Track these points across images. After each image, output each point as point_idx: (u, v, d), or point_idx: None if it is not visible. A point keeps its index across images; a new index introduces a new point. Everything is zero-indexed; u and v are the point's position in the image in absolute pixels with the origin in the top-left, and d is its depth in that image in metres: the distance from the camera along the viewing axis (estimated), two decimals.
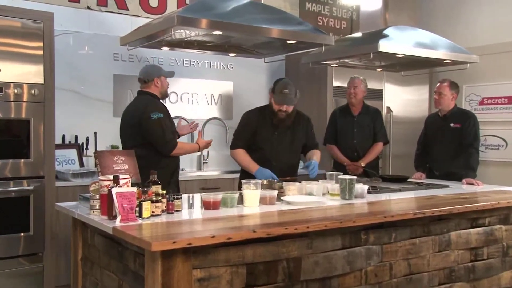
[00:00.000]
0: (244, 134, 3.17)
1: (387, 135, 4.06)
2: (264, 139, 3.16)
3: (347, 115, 4.03)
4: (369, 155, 3.92)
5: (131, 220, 1.95)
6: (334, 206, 2.48)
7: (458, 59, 3.60)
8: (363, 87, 3.99)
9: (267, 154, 3.16)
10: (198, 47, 3.28)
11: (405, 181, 3.41)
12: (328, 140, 4.13)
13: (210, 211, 2.25)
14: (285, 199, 2.51)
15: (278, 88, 3.11)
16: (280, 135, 3.20)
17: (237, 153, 3.17)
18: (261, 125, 3.17)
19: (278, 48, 3.36)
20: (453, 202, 2.62)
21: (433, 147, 3.80)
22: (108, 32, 4.00)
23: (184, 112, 4.36)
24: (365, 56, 3.46)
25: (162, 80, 3.21)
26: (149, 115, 2.96)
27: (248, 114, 3.24)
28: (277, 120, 3.14)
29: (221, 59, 4.53)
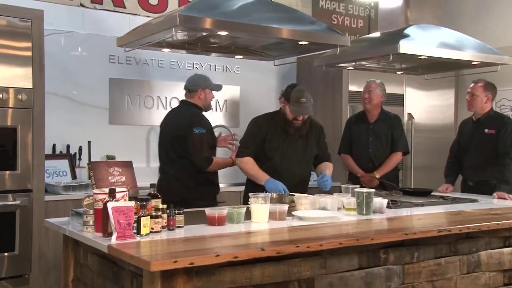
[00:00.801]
0: (252, 141, 3.17)
1: (407, 144, 4.05)
2: (274, 148, 3.17)
3: (362, 122, 4.03)
4: (385, 166, 3.91)
5: (128, 238, 1.96)
6: (350, 222, 2.48)
7: (488, 60, 3.61)
8: (379, 91, 3.98)
9: (277, 165, 3.16)
10: (202, 49, 3.32)
11: (428, 195, 3.40)
12: (343, 149, 4.13)
13: (214, 228, 2.26)
14: (296, 214, 2.51)
15: (294, 96, 3.10)
16: (291, 145, 3.21)
17: (245, 161, 3.16)
18: (271, 133, 3.17)
19: (289, 50, 3.40)
20: (482, 219, 2.61)
21: (465, 155, 3.79)
22: (103, 32, 4.05)
23: None
24: (384, 58, 3.48)
25: (207, 92, 3.39)
26: (192, 129, 3.19)
27: (257, 120, 3.24)
28: (293, 129, 3.15)
29: (227, 62, 4.56)
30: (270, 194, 2.61)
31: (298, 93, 3.11)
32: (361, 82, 4.58)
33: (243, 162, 3.16)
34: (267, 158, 3.16)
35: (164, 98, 4.34)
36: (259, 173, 3.09)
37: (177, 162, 3.27)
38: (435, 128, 5.04)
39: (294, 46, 3.21)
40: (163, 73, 4.33)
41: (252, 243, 2.04)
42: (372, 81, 4.01)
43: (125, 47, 3.16)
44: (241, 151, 3.17)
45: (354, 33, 5.21)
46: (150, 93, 4.29)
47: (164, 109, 4.32)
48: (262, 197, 2.45)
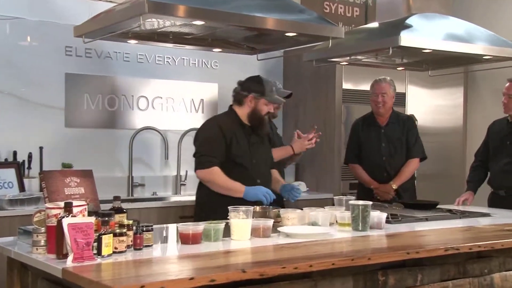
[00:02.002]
0: (217, 147, 3.11)
1: (423, 148, 4.09)
2: (243, 152, 3.16)
3: (372, 127, 4.07)
4: (402, 175, 3.95)
5: (87, 259, 1.95)
6: (344, 239, 2.50)
7: (502, 54, 3.67)
8: (392, 91, 4.02)
9: (249, 171, 3.16)
10: (174, 41, 3.33)
11: (433, 208, 3.44)
12: (350, 158, 4.14)
13: (188, 246, 2.26)
14: (283, 231, 2.53)
15: (268, 85, 3.18)
16: (258, 146, 3.24)
17: (215, 172, 3.07)
18: (236, 135, 3.16)
19: (274, 42, 3.42)
20: (496, 235, 2.65)
21: (497, 160, 3.83)
22: (58, 19, 4.02)
23: (156, 122, 4.40)
24: (383, 51, 3.52)
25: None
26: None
27: (217, 122, 3.20)
28: (264, 126, 3.20)
29: (204, 56, 4.57)
30: (253, 207, 2.62)
31: (267, 81, 3.21)
32: (356, 79, 4.63)
33: (212, 174, 3.07)
34: (235, 165, 3.13)
35: (131, 97, 4.33)
36: (234, 184, 3.06)
37: None
38: (441, 132, 5.11)
39: (280, 38, 3.23)
40: (129, 68, 4.32)
41: (232, 264, 2.04)
42: (382, 79, 4.01)
43: (84, 38, 3.15)
44: (207, 161, 3.09)
45: (349, 23, 5.26)
46: (114, 92, 4.27)
47: (131, 110, 4.32)
48: (244, 211, 2.46)
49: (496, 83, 4.83)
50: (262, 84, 3.20)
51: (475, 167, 3.97)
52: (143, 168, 4.35)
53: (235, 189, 3.06)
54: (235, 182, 3.07)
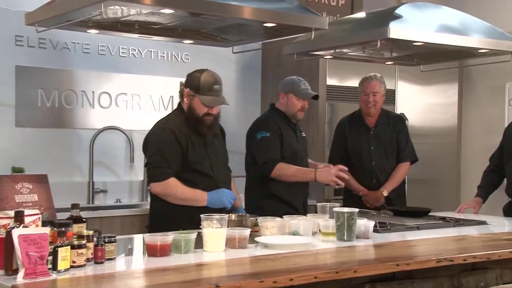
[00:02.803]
0: (172, 156, 3.08)
1: (414, 150, 4.15)
2: (200, 157, 3.15)
3: (360, 127, 4.11)
4: (392, 180, 4.01)
5: (40, 275, 1.93)
6: (328, 250, 2.52)
7: (498, 47, 3.72)
8: (383, 90, 4.07)
9: (209, 176, 3.16)
10: (140, 31, 3.32)
11: (425, 216, 3.48)
12: (335, 161, 4.15)
13: (156, 259, 2.25)
14: (261, 241, 2.54)
15: (206, 83, 3.11)
16: (212, 148, 3.25)
17: (173, 184, 3.04)
18: (191, 138, 3.15)
19: (252, 34, 3.43)
20: (492, 245, 2.70)
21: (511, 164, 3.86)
22: (7, 4, 3.98)
23: (120, 121, 4.38)
24: (371, 44, 3.56)
25: (290, 98, 3.65)
26: (255, 135, 3.61)
27: (168, 126, 3.15)
28: (206, 127, 3.16)
29: (173, 48, 4.57)
30: (228, 215, 2.63)
31: (209, 78, 3.13)
32: (341, 74, 4.67)
33: (169, 186, 3.06)
34: (193, 172, 3.12)
35: (91, 94, 4.31)
36: (195, 193, 3.06)
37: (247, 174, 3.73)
38: (434, 132, 5.17)
39: (258, 29, 3.25)
40: (89, 61, 4.30)
41: (205, 278, 2.04)
42: (372, 77, 4.05)
43: (37, 26, 3.12)
44: (161, 172, 3.06)
45: (334, 13, 5.30)
46: (72, 87, 4.24)
47: (91, 107, 4.29)
48: (217, 219, 2.46)
49: (493, 79, 4.92)
50: (199, 78, 3.13)
51: (489, 172, 4.00)
52: (105, 173, 4.33)
53: (196, 198, 3.06)
54: (195, 191, 3.07)
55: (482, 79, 5.08)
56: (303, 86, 3.68)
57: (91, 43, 4.28)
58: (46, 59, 4.14)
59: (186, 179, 3.09)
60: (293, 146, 3.68)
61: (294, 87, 3.67)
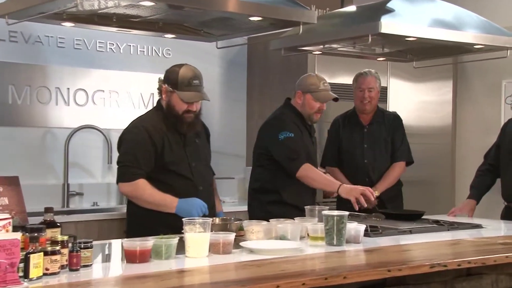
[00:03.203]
0: (144, 155, 3.08)
1: (410, 151, 4.19)
2: (178, 157, 3.15)
3: (354, 126, 4.15)
4: (385, 180, 4.04)
5: (11, 283, 1.90)
6: (317, 255, 2.53)
7: (494, 43, 3.76)
8: (378, 86, 4.12)
9: (188, 178, 3.15)
10: (119, 24, 3.31)
11: (418, 219, 3.52)
12: (328, 161, 4.21)
13: (135, 266, 2.25)
14: (246, 246, 2.55)
15: (184, 78, 3.11)
16: (193, 148, 3.23)
17: (141, 186, 3.03)
18: (168, 137, 3.15)
19: (237, 28, 3.43)
20: (488, 250, 2.72)
21: (509, 167, 3.89)
22: None
23: (97, 120, 4.37)
24: (361, 39, 3.58)
25: (307, 98, 3.66)
26: (277, 135, 3.59)
27: (143, 124, 3.15)
28: (186, 125, 3.15)
29: (154, 42, 4.57)
30: (212, 219, 2.63)
31: (187, 73, 3.13)
32: (331, 71, 4.69)
33: (137, 188, 3.05)
34: (170, 174, 3.12)
35: (66, 90, 4.29)
36: (164, 197, 3.04)
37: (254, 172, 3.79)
38: (428, 132, 5.21)
39: (243, 22, 3.25)
40: (64, 56, 4.28)
41: (186, 285, 2.04)
42: (368, 72, 4.10)
43: (8, 18, 3.09)
44: (130, 172, 3.06)
45: (323, 7, 5.32)
46: (45, 83, 4.22)
47: (66, 105, 4.27)
48: (201, 223, 2.47)
49: (489, 76, 4.96)
50: (177, 73, 3.13)
51: (483, 171, 4.03)
52: (81, 174, 4.31)
53: (165, 203, 3.05)
54: (165, 195, 3.05)
55: (478, 76, 5.12)
56: (322, 86, 3.68)
57: (66, 36, 4.26)
58: (17, 54, 4.11)
59: (162, 181, 3.09)
60: (309, 149, 3.70)
61: (312, 87, 3.67)
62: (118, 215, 3.91)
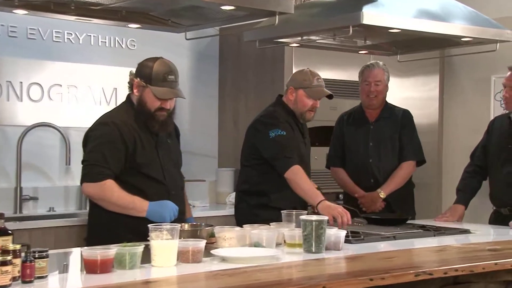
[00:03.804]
0: (113, 155, 3.06)
1: (421, 149, 4.21)
2: (150, 158, 3.14)
3: (359, 122, 4.18)
4: (392, 181, 4.06)
5: None
6: (294, 263, 2.54)
7: (483, 36, 3.81)
8: (386, 79, 4.14)
9: (160, 182, 3.14)
10: (78, 12, 3.28)
11: (402, 224, 3.55)
12: (333, 160, 4.24)
13: (96, 276, 2.23)
14: (218, 254, 2.55)
15: (159, 73, 3.09)
16: (165, 149, 3.23)
17: (109, 187, 3.02)
18: (140, 136, 3.14)
19: (208, 18, 3.43)
20: (476, 257, 2.76)
21: (497, 169, 3.92)
22: None
23: (53, 117, 4.33)
24: (342, 31, 3.60)
25: (299, 94, 3.63)
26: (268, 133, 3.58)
27: (113, 121, 3.13)
28: (158, 124, 3.13)
29: (117, 33, 4.55)
30: (180, 224, 2.63)
31: (163, 67, 3.11)
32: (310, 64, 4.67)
33: (104, 189, 3.03)
34: (141, 176, 3.11)
35: (19, 84, 4.25)
36: (134, 200, 3.03)
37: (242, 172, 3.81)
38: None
39: (215, 12, 3.25)
40: (16, 46, 4.24)
41: None
42: (375, 64, 4.11)
43: None
44: (96, 172, 3.04)
45: None
46: None
47: (19, 101, 4.23)
48: (168, 229, 2.46)
49: (478, 71, 5.01)
50: (151, 67, 3.10)
51: (470, 172, 4.06)
52: (36, 177, 4.28)
53: (135, 206, 3.04)
54: (135, 198, 3.04)
55: (466, 71, 5.18)
56: (316, 82, 3.67)
57: (18, 25, 4.21)
58: None
59: (132, 183, 3.08)
60: (301, 150, 3.70)
61: (305, 83, 3.66)
62: (77, 221, 3.88)
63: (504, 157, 3.89)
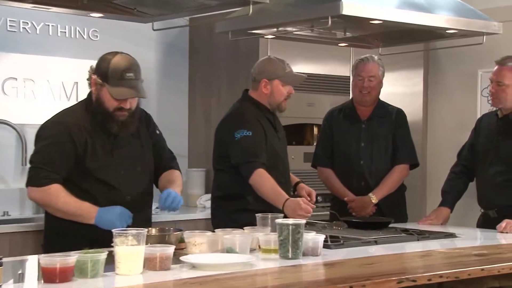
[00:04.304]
0: (61, 158, 3.05)
1: (415, 151, 4.24)
2: (103, 162, 3.11)
3: (350, 120, 4.19)
4: (384, 185, 4.09)
5: None
6: (270, 270, 2.54)
7: (470, 28, 3.83)
8: (381, 74, 4.16)
9: (115, 188, 3.12)
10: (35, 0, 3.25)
11: (385, 227, 3.58)
12: (321, 160, 4.23)
13: (55, 286, 2.21)
14: (187, 261, 2.54)
15: (116, 70, 3.04)
16: (124, 151, 3.19)
17: (54, 192, 3.02)
18: (93, 138, 3.10)
19: (177, 7, 3.42)
20: (461, 262, 2.78)
21: (484, 169, 3.93)
22: None
23: (8, 114, 4.30)
24: (320, 22, 3.61)
25: (275, 85, 3.62)
26: (233, 133, 3.57)
27: (62, 120, 3.12)
28: (117, 125, 3.09)
29: (78, 22, 4.53)
30: (147, 229, 2.61)
31: (120, 63, 3.07)
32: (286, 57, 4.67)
33: (50, 195, 3.03)
34: (92, 180, 3.09)
35: None
36: (81, 206, 3.01)
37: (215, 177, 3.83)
38: None
39: (185, 1, 3.24)
40: None
41: None
42: (369, 58, 4.12)
43: None
44: (42, 176, 3.03)
45: None
46: None
47: None
48: (134, 234, 2.45)
49: (464, 64, 5.07)
50: (109, 63, 3.06)
51: (457, 172, 4.09)
52: None
53: (82, 213, 3.02)
54: (82, 204, 3.02)
55: (451, 65, 5.23)
56: (288, 68, 3.68)
57: None
58: None
59: (83, 188, 3.07)
60: (275, 148, 3.70)
61: (279, 72, 3.65)
62: (33, 226, 3.86)
63: (491, 156, 3.91)
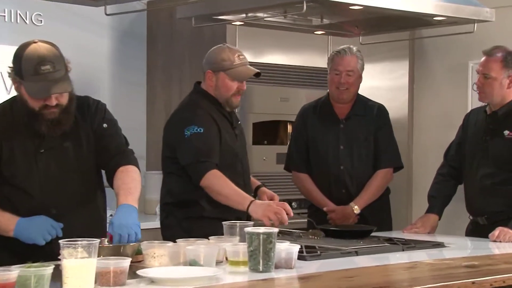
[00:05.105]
0: None
1: (398, 153, 4.24)
2: (22, 169, 3.03)
3: (326, 119, 4.17)
4: (367, 193, 4.09)
5: None
6: (238, 284, 2.54)
7: (459, 14, 3.88)
8: (360, 68, 4.14)
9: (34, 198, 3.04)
10: None
11: (366, 236, 3.58)
12: (294, 163, 4.23)
13: None
14: (145, 275, 2.52)
15: (29, 65, 2.89)
16: (50, 154, 3.08)
17: None
18: (12, 140, 3.02)
19: None
20: (450, 275, 2.79)
21: (472, 172, 3.94)
22: None
23: None
24: (294, 7, 3.61)
25: (221, 79, 3.59)
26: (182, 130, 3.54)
27: None
28: (45, 125, 2.97)
29: (19, 5, 4.52)
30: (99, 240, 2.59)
31: (32, 55, 2.91)
32: (256, 47, 4.71)
33: None
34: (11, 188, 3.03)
35: None
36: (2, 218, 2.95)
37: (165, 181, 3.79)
38: None
39: None
40: None
41: None
42: (346, 50, 4.08)
43: None
44: None
45: None
46: None
47: None
48: (84, 246, 2.42)
49: (453, 55, 5.12)
50: (21, 56, 2.94)
51: (444, 175, 4.10)
52: None
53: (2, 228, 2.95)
54: (4, 216, 2.96)
55: (439, 56, 5.27)
56: (237, 60, 3.60)
57: None
58: None
59: (4, 195, 3.02)
60: (232, 146, 3.66)
61: (226, 63, 3.59)
62: None
63: (479, 157, 3.92)
